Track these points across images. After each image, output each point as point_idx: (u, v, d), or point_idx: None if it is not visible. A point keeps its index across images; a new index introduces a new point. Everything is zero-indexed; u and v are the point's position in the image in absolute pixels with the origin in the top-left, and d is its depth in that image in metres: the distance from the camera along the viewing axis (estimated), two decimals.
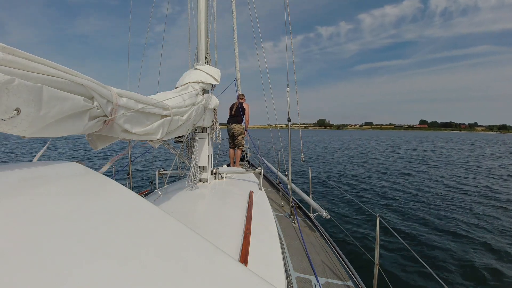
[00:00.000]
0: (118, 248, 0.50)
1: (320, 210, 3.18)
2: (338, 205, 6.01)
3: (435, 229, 4.77)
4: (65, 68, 0.90)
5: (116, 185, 0.82)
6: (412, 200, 6.66)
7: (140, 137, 1.40)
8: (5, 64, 0.70)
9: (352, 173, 10.57)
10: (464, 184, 8.80)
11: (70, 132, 0.96)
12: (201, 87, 2.35)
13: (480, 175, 10.50)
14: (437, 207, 6.10)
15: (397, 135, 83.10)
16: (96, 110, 1.04)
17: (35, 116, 0.78)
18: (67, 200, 0.66)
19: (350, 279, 2.09)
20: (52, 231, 0.51)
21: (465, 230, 4.76)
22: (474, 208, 6.09)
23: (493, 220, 5.30)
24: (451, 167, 12.78)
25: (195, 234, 0.61)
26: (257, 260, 1.18)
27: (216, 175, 2.79)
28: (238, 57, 5.47)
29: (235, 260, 0.54)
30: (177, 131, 1.85)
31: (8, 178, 0.70)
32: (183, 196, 2.09)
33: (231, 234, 1.42)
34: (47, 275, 0.39)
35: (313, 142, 34.35)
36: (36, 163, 0.86)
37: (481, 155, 19.84)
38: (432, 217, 5.42)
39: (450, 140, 46.94)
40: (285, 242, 2.47)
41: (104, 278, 0.41)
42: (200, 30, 2.61)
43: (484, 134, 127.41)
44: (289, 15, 2.91)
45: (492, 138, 69.09)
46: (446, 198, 6.95)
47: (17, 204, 0.58)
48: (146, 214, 0.68)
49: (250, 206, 1.88)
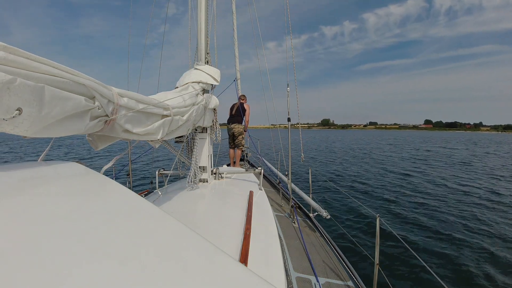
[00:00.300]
0: (118, 248, 0.50)
1: (320, 210, 3.18)
2: (338, 205, 6.01)
3: (435, 229, 4.76)
4: (66, 68, 0.90)
5: (116, 185, 0.82)
6: (412, 200, 6.65)
7: (140, 137, 1.40)
8: (7, 64, 0.70)
9: (353, 173, 10.56)
10: (465, 184, 8.78)
11: (72, 132, 0.96)
12: (201, 87, 2.36)
13: (483, 176, 10.44)
14: (437, 207, 6.09)
15: (401, 134, 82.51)
16: (97, 110, 1.04)
17: (36, 116, 0.78)
18: (67, 200, 0.66)
19: (350, 279, 2.09)
20: (52, 231, 0.51)
21: (465, 230, 4.75)
22: (475, 209, 6.08)
23: (494, 221, 5.29)
24: (453, 167, 12.75)
25: (195, 234, 0.61)
26: (257, 260, 1.18)
27: (216, 175, 2.80)
28: (238, 57, 5.47)
29: (235, 260, 0.54)
30: (177, 131, 1.85)
31: (8, 178, 0.71)
32: (183, 196, 2.10)
33: (231, 234, 1.42)
34: (47, 275, 0.39)
35: (316, 142, 34.11)
36: (36, 163, 0.86)
37: (484, 154, 19.71)
38: (432, 217, 5.42)
39: (454, 140, 46.46)
40: (285, 242, 2.47)
41: (104, 278, 0.41)
42: (200, 30, 2.62)
43: (489, 134, 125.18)
44: (289, 15, 2.92)
45: (497, 138, 68.38)
46: (446, 198, 6.94)
47: (17, 204, 0.58)
48: (146, 214, 0.68)
49: (250, 206, 1.88)
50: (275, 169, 5.29)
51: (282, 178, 4.67)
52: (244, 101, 5.27)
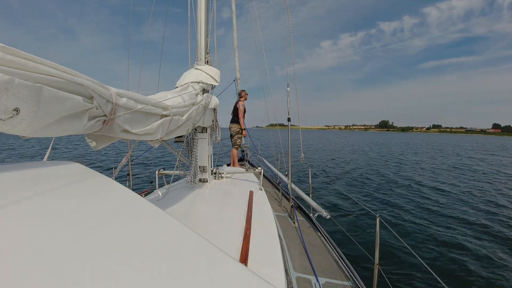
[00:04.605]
0: (118, 248, 0.50)
1: (320, 210, 3.18)
2: (338, 205, 6.01)
3: (435, 230, 4.76)
4: (64, 68, 0.90)
5: (116, 185, 0.82)
6: (412, 200, 6.65)
7: (140, 137, 1.40)
8: (5, 64, 0.70)
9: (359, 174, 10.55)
10: (462, 185, 8.76)
11: (70, 132, 0.96)
12: (201, 87, 2.36)
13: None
14: (437, 208, 6.09)
15: (467, 139, 73.72)
16: (96, 110, 1.04)
17: (34, 116, 0.78)
18: (67, 200, 0.66)
19: (350, 279, 2.09)
20: (52, 231, 0.51)
21: (465, 231, 4.75)
22: (475, 209, 6.08)
23: (496, 223, 5.28)
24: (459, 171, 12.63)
25: (195, 234, 0.61)
26: (257, 260, 1.18)
27: (216, 175, 2.80)
28: (238, 57, 5.47)
29: (235, 260, 0.54)
30: (177, 131, 1.85)
31: (8, 178, 0.70)
32: (183, 196, 2.10)
33: (231, 234, 1.42)
34: (47, 275, 0.39)
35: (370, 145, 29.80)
36: (36, 163, 0.86)
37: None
38: (432, 217, 5.42)
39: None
40: (285, 242, 2.47)
41: (104, 278, 0.41)
42: (200, 30, 2.61)
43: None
44: (289, 15, 2.91)
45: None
46: (447, 199, 6.94)
47: (17, 204, 0.58)
48: (146, 214, 0.68)
49: (250, 206, 1.88)
50: (275, 169, 5.29)
51: (282, 178, 4.67)
52: (242, 99, 5.25)
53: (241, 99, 5.22)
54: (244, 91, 5.30)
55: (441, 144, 40.64)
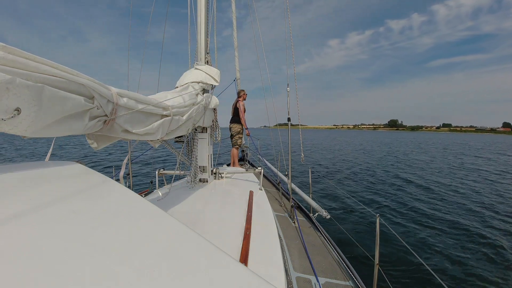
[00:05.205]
0: (118, 247, 0.50)
1: (320, 210, 3.18)
2: (339, 205, 6.01)
3: (435, 230, 4.76)
4: (65, 68, 0.90)
5: (116, 185, 0.82)
6: (412, 201, 6.65)
7: (140, 137, 1.40)
8: (6, 64, 0.70)
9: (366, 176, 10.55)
10: (462, 184, 8.77)
11: (71, 132, 0.96)
12: (201, 87, 2.36)
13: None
14: (437, 208, 6.09)
15: (477, 138, 72.52)
16: (97, 110, 1.04)
17: (35, 116, 0.78)
18: (67, 200, 0.66)
19: (350, 279, 2.09)
20: (52, 231, 0.51)
21: (465, 231, 4.75)
22: (475, 209, 6.08)
23: (498, 223, 5.28)
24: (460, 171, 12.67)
25: (195, 234, 0.61)
26: (257, 260, 1.18)
27: (216, 175, 2.80)
28: (238, 57, 5.47)
29: (235, 260, 0.54)
30: (177, 131, 1.86)
31: (9, 178, 0.70)
32: (183, 196, 2.10)
33: (231, 234, 1.42)
34: (47, 275, 0.39)
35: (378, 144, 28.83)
36: (36, 163, 0.86)
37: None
38: (432, 217, 5.42)
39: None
40: (285, 242, 2.47)
41: (104, 278, 0.41)
42: (200, 30, 2.62)
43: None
44: (289, 15, 2.91)
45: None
46: (446, 198, 6.94)
47: (17, 204, 0.58)
48: (146, 214, 0.68)
49: (250, 206, 1.88)
50: (275, 169, 5.29)
51: (282, 178, 4.67)
52: (241, 99, 5.24)
53: (240, 98, 5.22)
54: (243, 91, 5.28)
55: (451, 143, 39.79)
